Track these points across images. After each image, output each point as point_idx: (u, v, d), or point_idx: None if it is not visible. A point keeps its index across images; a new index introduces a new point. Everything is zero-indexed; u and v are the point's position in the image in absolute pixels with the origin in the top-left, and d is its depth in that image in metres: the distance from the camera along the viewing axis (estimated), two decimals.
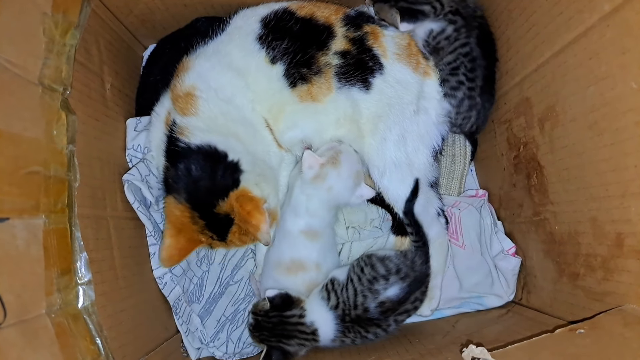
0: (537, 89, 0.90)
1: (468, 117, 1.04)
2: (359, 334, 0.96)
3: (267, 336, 0.96)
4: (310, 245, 1.05)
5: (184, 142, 0.92)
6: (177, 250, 0.92)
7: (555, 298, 0.92)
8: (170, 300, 1.05)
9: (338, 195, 1.02)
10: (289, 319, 0.96)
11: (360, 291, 0.96)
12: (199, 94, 0.95)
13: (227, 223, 0.91)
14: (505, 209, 1.12)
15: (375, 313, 0.95)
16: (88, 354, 0.64)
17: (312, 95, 0.98)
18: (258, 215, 0.89)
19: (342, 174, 1.00)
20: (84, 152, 0.85)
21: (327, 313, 0.97)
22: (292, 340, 0.96)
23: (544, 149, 0.90)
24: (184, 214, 0.91)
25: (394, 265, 0.98)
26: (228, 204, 0.89)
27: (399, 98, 0.99)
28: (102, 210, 0.88)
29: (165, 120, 0.98)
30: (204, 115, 0.94)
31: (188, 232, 0.91)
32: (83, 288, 0.68)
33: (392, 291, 0.96)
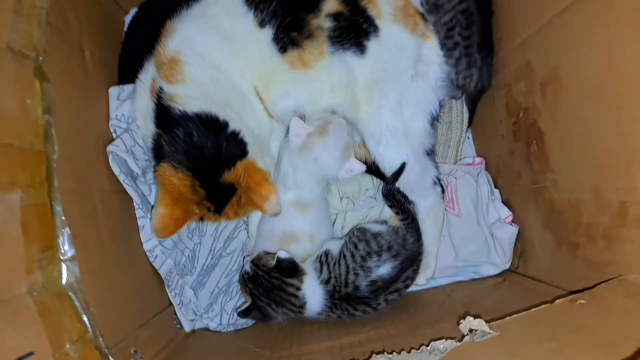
0: (539, 52, 0.86)
1: (469, 75, 0.99)
2: (346, 311, 0.96)
3: (259, 294, 0.95)
4: (301, 217, 1.02)
5: (179, 109, 0.87)
6: (172, 221, 0.88)
7: (553, 267, 0.90)
8: (162, 274, 1.03)
9: (325, 168, 0.99)
10: (287, 287, 0.95)
11: (352, 268, 0.94)
12: (185, 59, 0.90)
13: (228, 194, 0.88)
14: (503, 177, 1.10)
15: (365, 292, 0.94)
16: (74, 332, 0.62)
17: (304, 61, 0.93)
18: (267, 186, 0.86)
19: (329, 145, 0.97)
20: (64, 123, 0.80)
21: (317, 286, 0.96)
22: (280, 307, 0.95)
23: (545, 115, 0.87)
24: (184, 182, 0.87)
25: (386, 242, 0.97)
26: (234, 173, 0.86)
27: (396, 62, 0.95)
28: (86, 184, 0.84)
29: (151, 88, 0.93)
30: (193, 82, 0.90)
31: (185, 202, 0.88)
32: (67, 264, 0.65)
33: (384, 269, 0.94)
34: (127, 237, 0.96)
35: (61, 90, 0.81)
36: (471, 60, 0.98)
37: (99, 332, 0.65)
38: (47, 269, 0.62)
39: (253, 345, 0.93)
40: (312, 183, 1.02)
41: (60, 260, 0.65)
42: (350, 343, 0.86)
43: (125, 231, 0.95)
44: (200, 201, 0.89)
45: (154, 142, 0.92)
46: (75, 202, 0.78)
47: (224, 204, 0.89)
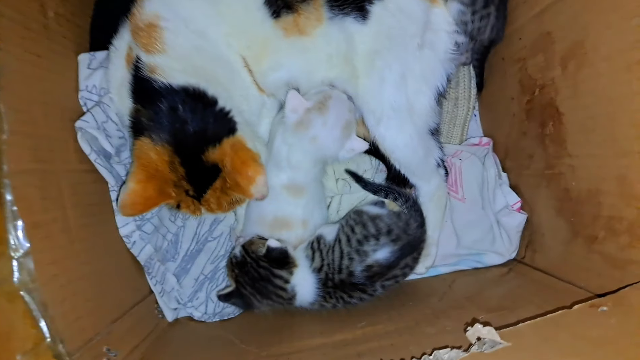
0: (562, 22, 0.76)
1: (486, 15, 0.89)
2: (341, 299, 0.89)
3: (245, 282, 0.89)
4: (295, 202, 0.94)
5: (162, 82, 0.77)
6: (142, 199, 0.77)
7: (565, 260, 0.83)
8: (141, 260, 0.95)
9: (324, 147, 0.90)
10: (274, 279, 0.88)
11: (347, 253, 0.87)
12: (164, 24, 0.80)
13: (210, 177, 0.79)
14: (512, 159, 1.01)
15: (360, 278, 0.86)
16: (28, 340, 0.54)
17: (299, 27, 0.83)
18: (255, 166, 0.77)
19: (328, 122, 0.88)
20: (21, 95, 0.70)
21: (309, 275, 0.89)
22: (265, 299, 0.89)
23: (565, 93, 0.78)
24: (162, 157, 0.77)
25: (385, 225, 0.89)
26: (220, 151, 0.77)
27: (402, 29, 0.85)
28: (49, 164, 0.75)
29: (127, 58, 0.83)
30: (175, 52, 0.79)
31: (160, 181, 0.78)
32: (19, 261, 0.57)
33: (382, 254, 0.87)
34: (100, 221, 0.87)
35: (17, 55, 0.71)
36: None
37: (59, 337, 0.58)
38: None
39: (239, 340, 0.86)
40: (309, 164, 0.93)
41: (11, 256, 0.56)
42: (345, 340, 0.79)
43: (99, 215, 0.87)
44: (178, 181, 0.79)
45: (132, 118, 0.82)
46: (36, 185, 0.69)
47: (205, 188, 0.80)
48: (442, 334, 0.72)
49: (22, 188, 0.65)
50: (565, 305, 0.61)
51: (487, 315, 0.76)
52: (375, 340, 0.76)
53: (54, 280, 0.68)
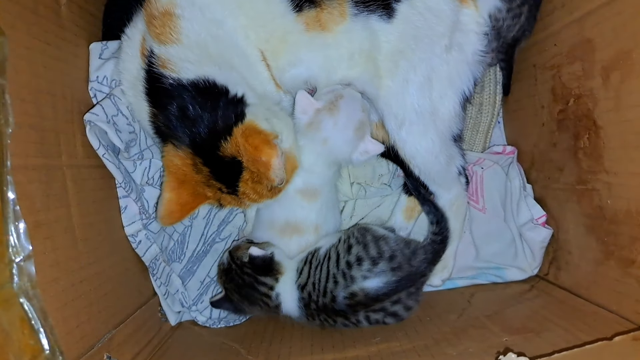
0: (606, 29, 0.71)
1: (519, 14, 0.85)
2: (326, 322, 0.83)
3: (231, 289, 0.87)
4: (308, 207, 0.90)
5: (172, 77, 0.73)
6: (178, 206, 0.76)
7: (595, 282, 0.78)
8: (146, 261, 0.91)
9: (335, 150, 0.86)
10: (259, 286, 0.84)
11: (333, 275, 0.80)
12: (180, 12, 0.75)
13: (235, 169, 0.75)
14: (538, 170, 0.96)
15: (342, 305, 0.79)
16: (25, 352, 0.50)
17: (321, 22, 0.78)
18: (267, 149, 0.72)
19: (339, 124, 0.84)
20: (27, 84, 0.66)
21: (293, 290, 0.84)
22: (254, 306, 0.86)
23: (604, 106, 0.73)
24: (185, 161, 0.75)
25: (389, 249, 0.81)
26: (233, 142, 0.73)
27: (429, 29, 0.80)
28: (55, 159, 0.70)
29: (141, 49, 0.79)
30: (189, 41, 0.75)
31: (191, 185, 0.76)
32: (19, 265, 0.53)
33: (373, 282, 0.78)
34: (105, 219, 0.83)
35: (25, 43, 0.67)
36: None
37: (58, 348, 0.53)
38: None
39: (246, 351, 0.82)
40: (322, 166, 0.90)
41: (11, 260, 0.52)
42: (358, 357, 0.75)
43: (104, 214, 0.83)
44: (207, 181, 0.76)
45: (152, 124, 0.79)
46: (40, 182, 0.66)
47: (235, 182, 0.76)
48: (465, 357, 0.68)
49: (26, 185, 0.61)
50: (604, 335, 0.57)
51: (511, 337, 0.72)
52: (392, 359, 0.72)
53: (55, 284, 0.64)
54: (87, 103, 0.82)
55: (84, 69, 0.84)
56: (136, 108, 0.83)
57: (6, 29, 0.60)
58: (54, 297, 0.62)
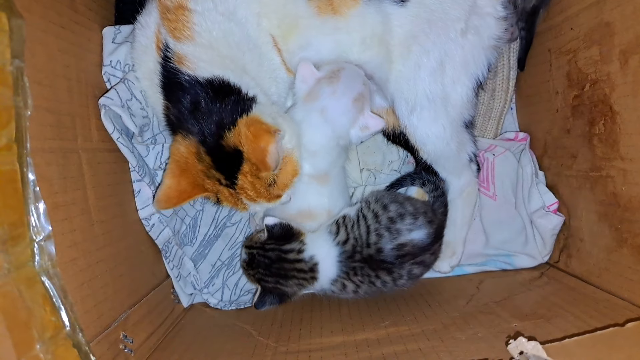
0: (626, 11, 0.70)
1: None
2: (366, 277, 0.84)
3: (262, 275, 0.85)
4: (321, 190, 0.90)
5: (188, 74, 0.75)
6: (177, 193, 0.77)
7: (607, 269, 0.78)
8: (159, 244, 0.93)
9: (333, 121, 0.85)
10: (287, 255, 0.84)
11: (375, 229, 0.83)
12: (194, 6, 0.76)
13: (236, 161, 0.75)
14: (551, 157, 0.96)
15: (390, 256, 0.83)
16: (47, 328, 0.51)
17: (334, 6, 0.78)
18: (266, 136, 0.73)
19: (337, 92, 0.83)
20: (44, 68, 0.67)
21: (332, 248, 0.85)
22: (290, 280, 0.85)
23: (622, 91, 0.72)
24: (190, 149, 0.76)
25: (422, 206, 0.88)
26: (236, 132, 0.74)
27: (444, 12, 0.79)
28: (71, 142, 0.71)
29: (156, 41, 0.79)
30: (203, 40, 0.76)
31: (192, 174, 0.77)
32: (40, 244, 0.54)
33: (418, 234, 0.84)
34: (120, 203, 0.84)
35: (41, 27, 0.67)
36: None
37: (78, 325, 0.55)
38: (14, 250, 0.51)
39: (257, 332, 0.84)
40: (323, 146, 0.87)
41: (33, 239, 0.53)
42: (367, 340, 0.76)
43: (118, 196, 0.84)
44: (208, 171, 0.77)
45: (165, 115, 0.81)
46: (57, 165, 0.67)
47: (234, 174, 0.76)
48: (474, 341, 0.69)
49: (44, 167, 0.63)
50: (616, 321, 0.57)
51: (521, 323, 0.72)
52: (401, 342, 0.72)
53: (73, 264, 0.65)
54: (100, 87, 0.83)
55: (98, 53, 0.84)
56: (151, 97, 0.84)
57: (23, 12, 0.60)
58: (72, 276, 0.64)
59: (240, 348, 0.79)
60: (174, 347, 0.82)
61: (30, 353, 0.48)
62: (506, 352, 0.56)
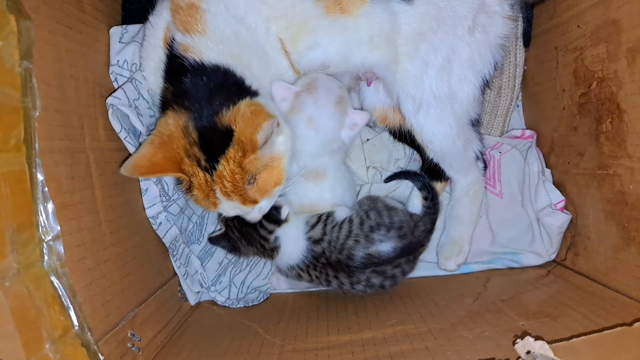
0: (634, 9, 0.69)
1: None
2: (324, 275, 0.88)
3: (233, 225, 0.90)
4: (319, 186, 0.91)
5: (194, 59, 0.74)
6: (148, 163, 0.73)
7: (614, 268, 0.78)
8: (166, 242, 0.93)
9: (323, 129, 0.87)
10: (261, 229, 0.89)
11: (355, 235, 0.86)
12: (206, 6, 0.76)
13: (224, 144, 0.73)
14: (557, 155, 0.95)
15: (358, 262, 0.86)
16: (56, 328, 0.52)
17: (342, 6, 0.78)
18: (264, 115, 0.72)
19: (319, 100, 0.85)
20: (52, 68, 0.67)
21: (301, 240, 0.88)
22: (250, 246, 0.90)
23: (629, 89, 0.72)
24: (177, 122, 0.74)
25: (398, 221, 0.89)
26: (235, 110, 0.72)
27: (452, 10, 0.79)
28: (79, 142, 0.72)
29: (164, 38, 0.79)
30: (214, 34, 0.76)
31: (172, 148, 0.74)
32: (49, 244, 0.54)
33: (385, 246, 0.86)
34: (128, 202, 0.84)
35: (49, 27, 0.68)
36: None
37: (86, 324, 0.55)
38: (23, 250, 0.51)
39: (264, 330, 0.84)
40: (311, 151, 0.89)
41: (42, 239, 0.54)
42: (374, 339, 0.76)
43: (126, 195, 0.84)
44: (190, 147, 0.73)
45: (161, 97, 0.80)
46: (65, 165, 0.67)
47: (217, 156, 0.73)
48: (481, 340, 0.69)
49: (52, 167, 0.63)
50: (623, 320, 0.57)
51: (528, 321, 0.72)
52: (408, 341, 0.72)
53: (82, 263, 0.66)
54: (108, 87, 0.83)
55: (105, 52, 0.85)
56: (155, 90, 0.84)
57: (30, 13, 0.60)
58: (80, 276, 0.64)
59: (247, 346, 0.79)
60: (182, 345, 0.83)
61: (40, 353, 0.49)
62: (513, 351, 0.56)
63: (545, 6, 0.93)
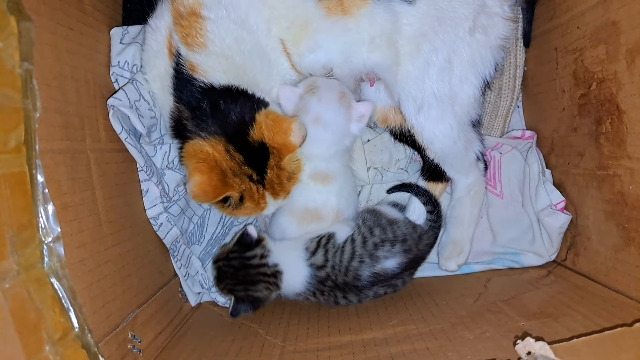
0: (633, 11, 0.69)
1: None
2: (332, 298, 0.88)
3: (232, 285, 0.89)
4: (326, 190, 0.90)
5: (204, 82, 0.79)
6: (211, 188, 0.78)
7: (614, 268, 0.78)
8: (167, 243, 0.93)
9: (330, 124, 0.88)
10: (250, 261, 0.88)
11: (359, 255, 0.86)
12: (207, 14, 0.77)
13: (264, 156, 0.80)
14: (558, 155, 0.95)
15: (365, 282, 0.86)
16: (57, 330, 0.52)
17: (343, 7, 0.78)
18: (287, 120, 0.79)
19: (323, 98, 0.86)
20: (52, 69, 0.67)
21: (303, 267, 0.87)
22: (258, 285, 0.88)
23: (628, 90, 0.72)
24: (217, 147, 0.79)
25: (402, 234, 0.90)
26: (257, 126, 0.79)
27: (453, 11, 0.79)
28: (79, 143, 0.72)
29: (168, 46, 0.80)
30: (216, 48, 0.78)
31: (221, 172, 0.79)
32: (49, 246, 0.54)
33: (391, 263, 0.87)
34: (128, 203, 0.84)
35: (50, 28, 0.68)
36: None
37: (87, 326, 0.55)
38: (23, 252, 0.51)
39: (264, 331, 0.84)
40: (323, 152, 0.90)
41: (42, 241, 0.54)
42: (375, 339, 0.76)
43: (126, 196, 0.84)
44: (239, 168, 0.80)
45: (173, 119, 0.83)
46: (66, 165, 0.67)
47: (263, 168, 0.81)
48: (482, 341, 0.69)
49: (53, 168, 0.63)
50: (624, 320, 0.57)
51: (529, 322, 0.72)
52: (409, 342, 0.73)
53: (82, 265, 0.66)
54: (108, 88, 0.83)
55: (106, 53, 0.85)
56: (160, 99, 0.85)
57: (31, 14, 0.60)
58: (80, 277, 0.64)
59: (248, 347, 0.79)
60: (182, 346, 0.83)
61: (40, 355, 0.49)
62: (514, 352, 0.56)
63: (546, 7, 0.93)
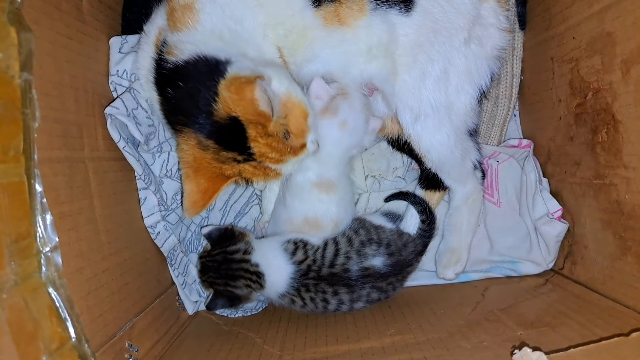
0: (627, 22, 0.70)
1: None
2: (320, 294, 0.87)
3: (213, 278, 0.90)
4: (328, 199, 0.91)
5: (171, 61, 0.75)
6: (199, 194, 0.75)
7: (611, 277, 0.78)
8: (164, 251, 0.93)
9: (353, 132, 0.88)
10: (233, 255, 0.89)
11: (345, 252, 0.88)
12: (201, 7, 0.76)
13: (239, 130, 0.71)
14: (554, 164, 0.96)
15: (355, 275, 0.87)
16: (54, 340, 0.52)
17: (340, 17, 0.78)
18: (248, 87, 0.69)
19: (355, 105, 0.87)
20: (52, 79, 0.68)
21: (286, 265, 0.88)
22: (238, 280, 0.88)
23: (624, 100, 0.72)
24: (189, 143, 0.74)
25: (385, 238, 0.91)
26: (222, 100, 0.70)
27: (448, 22, 0.80)
28: (78, 152, 0.72)
29: (155, 42, 0.80)
30: (204, 29, 0.76)
31: (206, 168, 0.75)
32: (47, 255, 0.54)
33: (378, 261, 0.89)
34: (126, 211, 0.85)
35: (49, 38, 0.68)
36: None
37: (84, 336, 0.55)
38: (21, 262, 0.51)
39: (262, 340, 0.84)
40: (337, 155, 0.90)
41: (39, 250, 0.54)
42: (372, 349, 0.76)
43: (124, 205, 0.84)
44: (218, 156, 0.74)
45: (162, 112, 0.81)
46: (64, 175, 0.67)
47: (245, 144, 0.72)
48: (479, 350, 0.69)
49: (51, 177, 0.63)
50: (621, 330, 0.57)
51: (526, 331, 0.72)
52: (406, 351, 0.72)
53: (80, 274, 0.66)
54: (107, 97, 0.84)
55: (105, 63, 0.85)
56: (150, 99, 0.84)
57: (31, 24, 0.61)
58: (78, 286, 0.64)
59: (246, 356, 0.79)
60: (180, 355, 0.82)
61: None
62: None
63: (541, 18, 0.94)
